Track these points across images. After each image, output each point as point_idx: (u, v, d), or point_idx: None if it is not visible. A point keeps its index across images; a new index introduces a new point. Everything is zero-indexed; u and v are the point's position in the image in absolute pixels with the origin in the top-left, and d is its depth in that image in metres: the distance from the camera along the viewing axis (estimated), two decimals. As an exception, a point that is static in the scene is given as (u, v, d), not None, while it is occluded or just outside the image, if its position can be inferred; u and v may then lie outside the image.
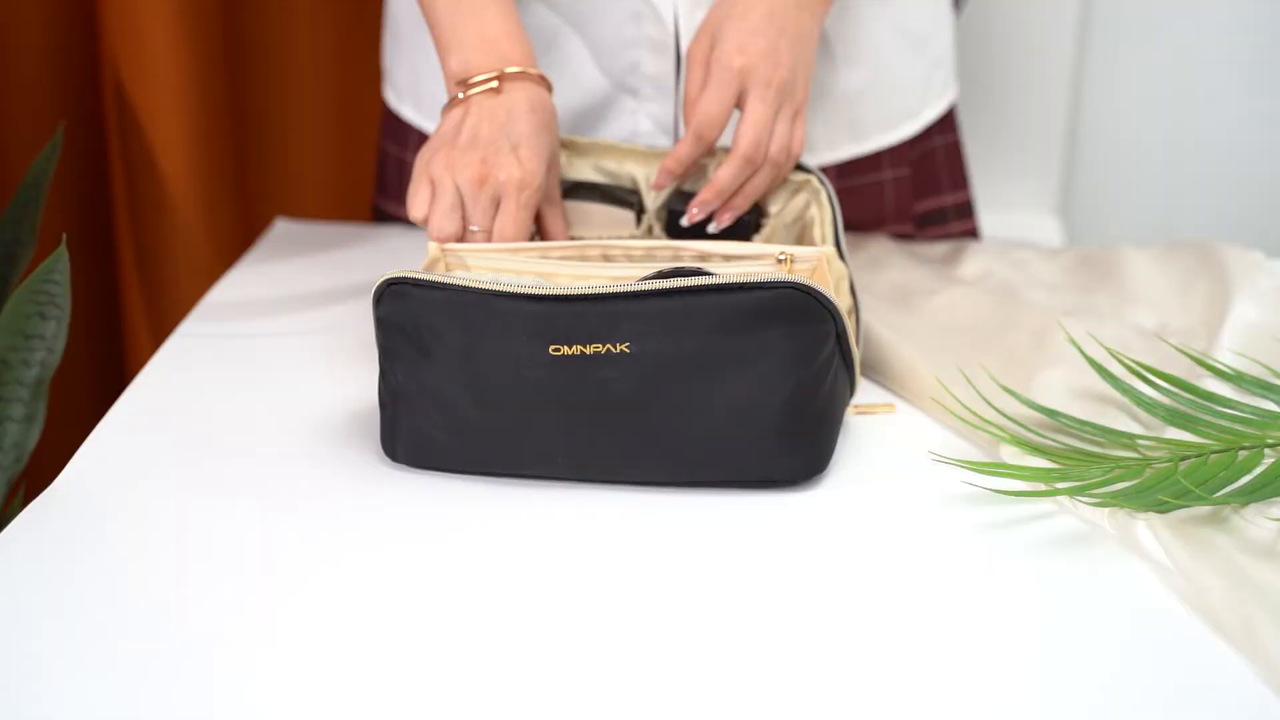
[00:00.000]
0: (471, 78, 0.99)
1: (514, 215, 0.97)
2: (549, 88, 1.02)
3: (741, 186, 1.03)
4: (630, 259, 0.98)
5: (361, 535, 0.86)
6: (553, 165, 1.02)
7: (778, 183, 1.05)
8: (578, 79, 1.16)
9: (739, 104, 1.02)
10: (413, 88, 1.25)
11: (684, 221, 1.05)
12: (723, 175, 1.02)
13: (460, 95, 1.00)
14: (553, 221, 1.04)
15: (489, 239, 0.97)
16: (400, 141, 1.30)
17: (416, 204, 0.98)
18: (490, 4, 1.02)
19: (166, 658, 0.75)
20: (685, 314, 0.85)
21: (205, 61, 1.38)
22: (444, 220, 0.97)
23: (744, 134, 1.01)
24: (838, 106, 1.21)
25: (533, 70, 1.00)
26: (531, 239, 1.02)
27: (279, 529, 0.86)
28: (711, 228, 1.05)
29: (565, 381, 0.86)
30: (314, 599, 0.80)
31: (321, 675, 0.74)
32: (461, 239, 0.98)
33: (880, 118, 1.24)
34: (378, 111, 1.39)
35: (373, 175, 1.55)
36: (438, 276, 0.88)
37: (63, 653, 0.75)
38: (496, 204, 0.97)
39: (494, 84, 0.99)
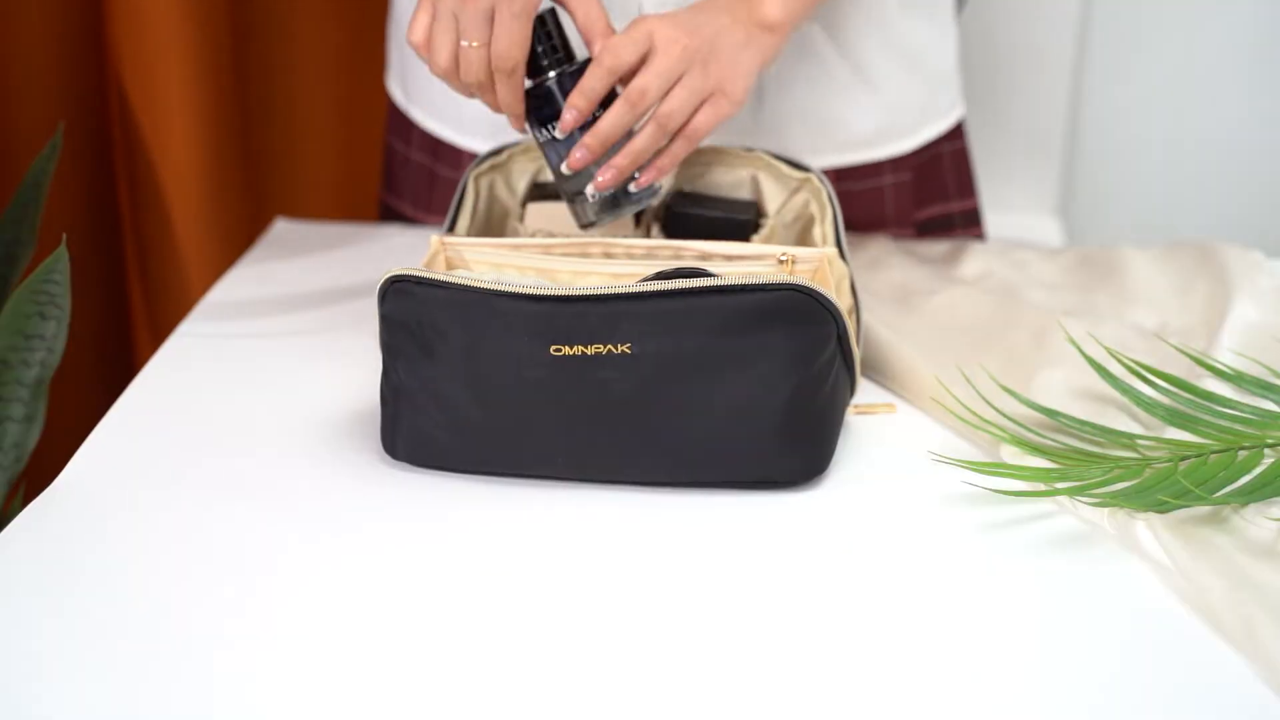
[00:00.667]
0: None
1: (506, 26, 0.94)
2: None
3: (626, 142, 1.00)
4: (631, 257, 0.98)
5: (361, 535, 0.86)
6: None
7: (670, 156, 1.01)
8: None
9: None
10: (414, 84, 1.26)
11: (565, 168, 1.00)
12: (603, 120, 0.98)
13: None
14: (579, 4, 0.98)
15: (486, 55, 0.95)
16: (405, 138, 1.30)
17: (415, 29, 0.96)
18: None
19: (166, 657, 0.75)
20: (686, 315, 0.85)
21: (207, 60, 1.38)
22: (439, 39, 0.95)
23: (636, 80, 0.98)
24: (825, 121, 1.20)
25: None
26: (558, 60, 0.99)
27: (279, 528, 0.86)
28: (589, 189, 1.01)
29: (566, 381, 0.86)
30: (314, 598, 0.80)
31: (321, 675, 0.74)
32: (456, 61, 0.96)
33: (871, 133, 1.23)
34: (381, 109, 1.39)
35: (376, 173, 1.55)
36: (441, 275, 0.88)
37: (63, 653, 0.75)
38: (490, 18, 0.94)
39: None
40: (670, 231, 1.07)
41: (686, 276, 0.86)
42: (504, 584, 0.81)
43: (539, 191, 1.09)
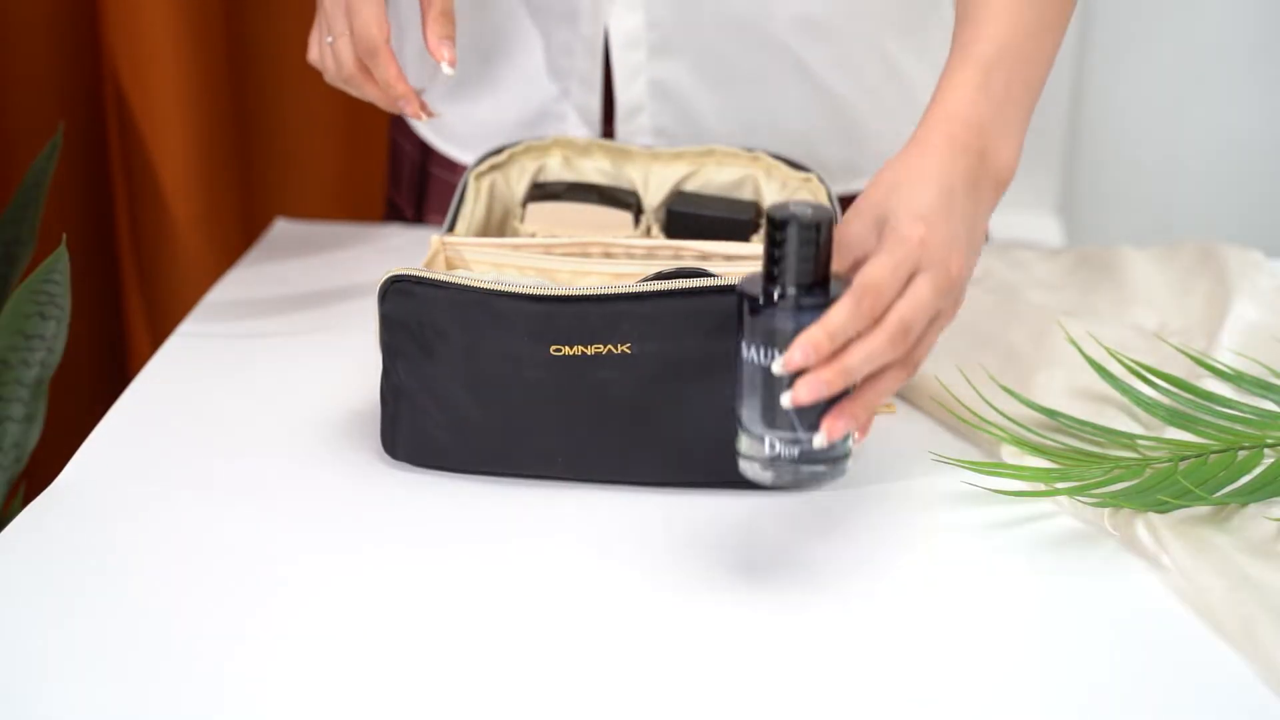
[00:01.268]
0: None
1: (360, 6, 0.95)
2: None
3: (859, 368, 0.75)
4: (631, 257, 0.98)
5: (361, 534, 0.86)
6: None
7: (891, 389, 0.78)
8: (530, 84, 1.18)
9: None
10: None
11: (777, 369, 0.74)
12: (837, 318, 0.74)
13: None
14: None
15: (350, 44, 0.97)
16: (406, 134, 1.30)
17: (309, 48, 1.01)
18: None
19: (167, 657, 0.75)
20: (686, 315, 0.85)
21: (206, 60, 1.38)
22: (314, 49, 1.00)
23: (899, 313, 0.76)
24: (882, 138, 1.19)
25: None
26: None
27: (279, 528, 0.86)
28: (784, 400, 0.74)
29: (566, 381, 0.86)
30: (314, 598, 0.80)
31: (321, 673, 0.74)
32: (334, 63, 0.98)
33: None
34: (381, 109, 1.39)
35: (376, 172, 1.55)
36: (441, 275, 0.88)
37: (63, 652, 0.75)
38: (347, 11, 0.96)
39: None
40: (670, 231, 1.07)
41: (686, 276, 0.86)
42: (503, 584, 0.81)
43: (539, 191, 1.08)
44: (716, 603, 0.80)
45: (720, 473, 0.88)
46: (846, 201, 1.19)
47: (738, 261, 0.96)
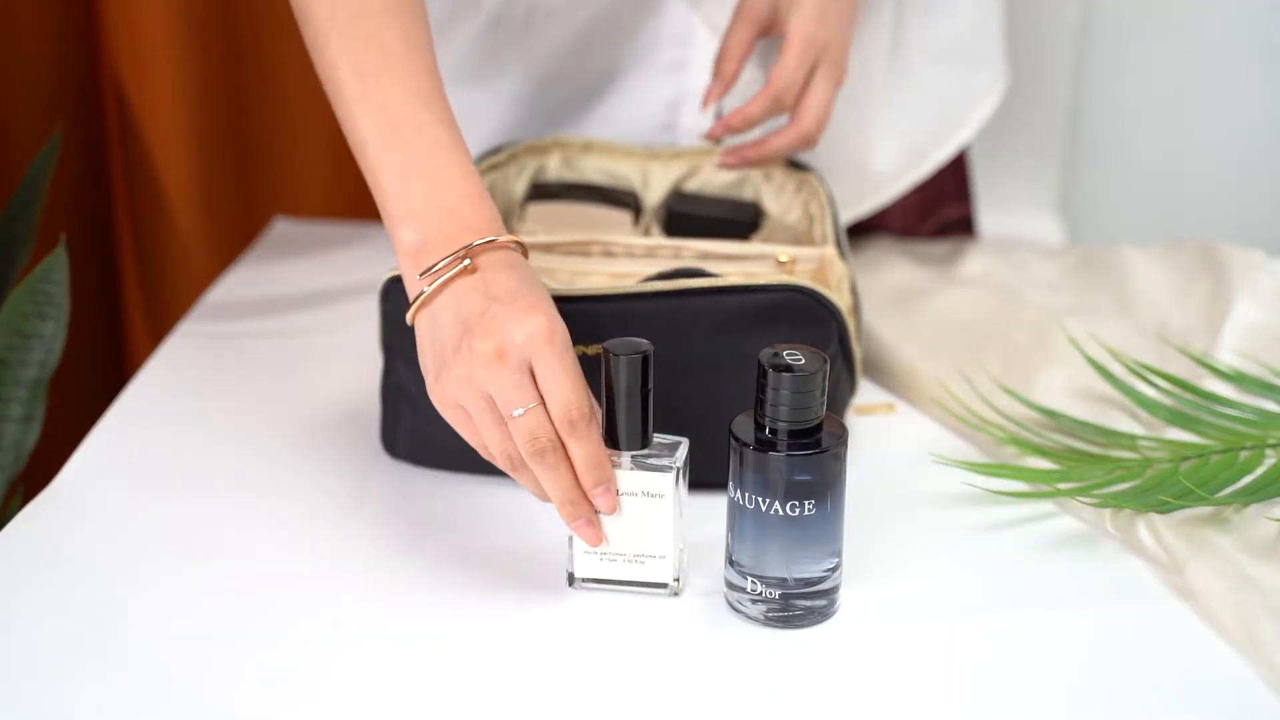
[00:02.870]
0: (434, 261, 0.79)
1: (561, 368, 0.75)
2: (524, 251, 0.82)
3: (765, 140, 1.01)
4: (631, 256, 0.98)
5: (361, 534, 0.86)
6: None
7: (796, 150, 1.03)
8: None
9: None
10: None
11: (703, 134, 1.03)
12: (752, 106, 1.00)
13: (425, 290, 0.79)
14: None
15: (549, 419, 0.76)
16: None
17: (471, 439, 0.79)
18: (449, 156, 0.82)
19: (165, 656, 0.75)
20: (687, 316, 0.85)
21: (205, 60, 1.38)
22: (500, 441, 0.77)
23: (813, 115, 1.00)
24: (897, 137, 1.20)
25: (503, 237, 0.80)
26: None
27: (278, 527, 0.86)
28: (715, 161, 1.03)
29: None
30: (313, 597, 0.80)
31: (320, 672, 0.73)
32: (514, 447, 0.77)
33: (933, 134, 1.22)
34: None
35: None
36: None
37: (61, 652, 0.75)
38: (530, 373, 0.76)
39: (465, 262, 0.79)
40: (670, 231, 1.07)
41: (687, 277, 0.86)
42: (503, 584, 0.81)
43: (538, 191, 1.08)
44: (716, 602, 0.80)
45: (720, 473, 0.88)
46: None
47: (737, 261, 0.96)
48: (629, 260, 0.97)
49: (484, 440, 0.77)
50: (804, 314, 0.86)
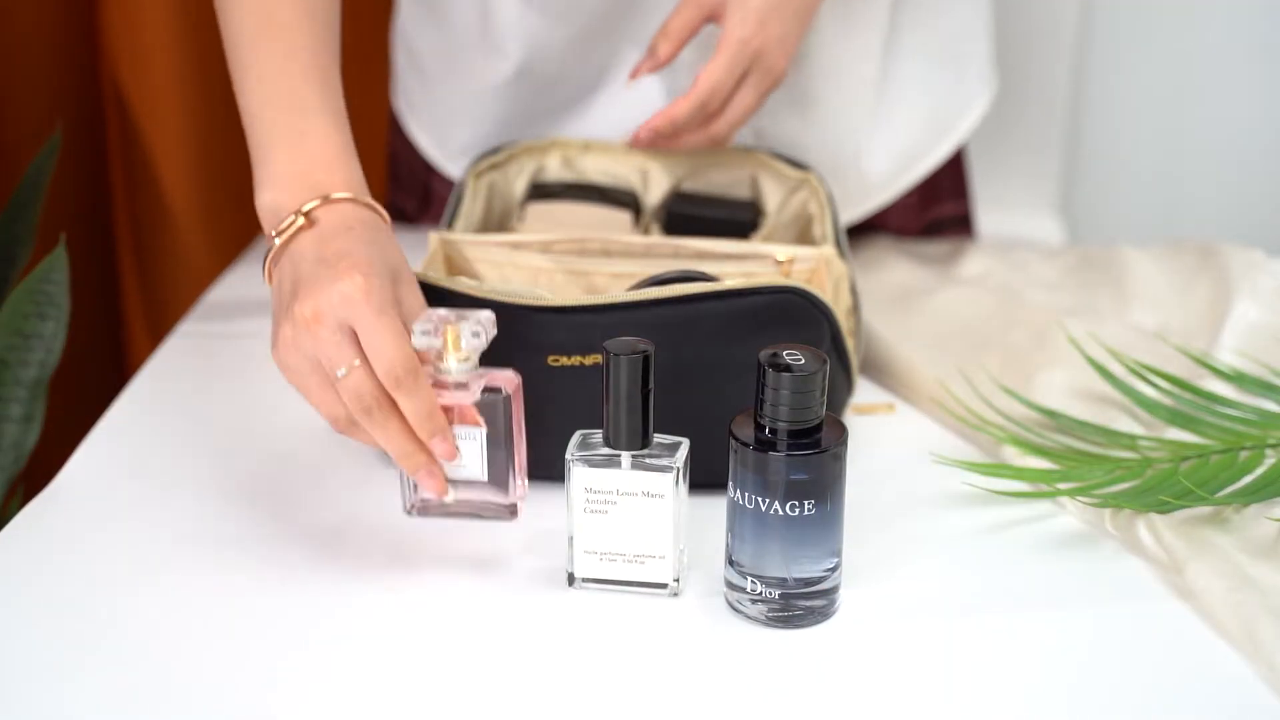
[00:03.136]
0: (280, 222, 0.81)
1: (379, 326, 0.75)
2: (379, 213, 0.83)
3: (681, 135, 1.02)
4: (630, 255, 0.98)
5: (360, 533, 0.86)
6: (397, 276, 0.80)
7: (703, 149, 1.05)
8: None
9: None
10: (408, 101, 1.26)
11: (632, 138, 1.04)
12: (679, 109, 1.00)
13: (271, 247, 0.81)
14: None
15: (372, 376, 0.75)
16: (405, 139, 1.30)
17: (311, 400, 0.78)
18: (313, 122, 0.84)
19: (165, 656, 0.75)
20: (683, 322, 0.85)
21: (205, 60, 1.38)
22: (328, 404, 0.77)
23: (728, 119, 1.01)
24: (887, 142, 1.19)
25: (351, 195, 0.82)
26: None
27: (277, 528, 0.86)
28: (627, 140, 1.05)
29: (563, 391, 0.86)
30: (312, 596, 0.80)
31: (320, 672, 0.73)
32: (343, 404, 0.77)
33: (926, 137, 1.22)
34: (379, 109, 1.39)
35: (376, 172, 1.55)
36: (443, 281, 0.87)
37: (61, 652, 0.75)
38: (350, 334, 0.76)
39: (301, 221, 0.80)
40: (670, 231, 1.07)
41: (681, 280, 0.86)
42: (503, 584, 0.81)
43: (538, 191, 1.08)
44: (716, 602, 0.80)
45: (719, 476, 0.88)
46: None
47: (735, 261, 0.96)
48: (627, 260, 0.97)
49: (316, 403, 0.78)
50: (796, 315, 0.86)
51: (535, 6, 1.08)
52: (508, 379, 0.80)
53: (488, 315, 0.79)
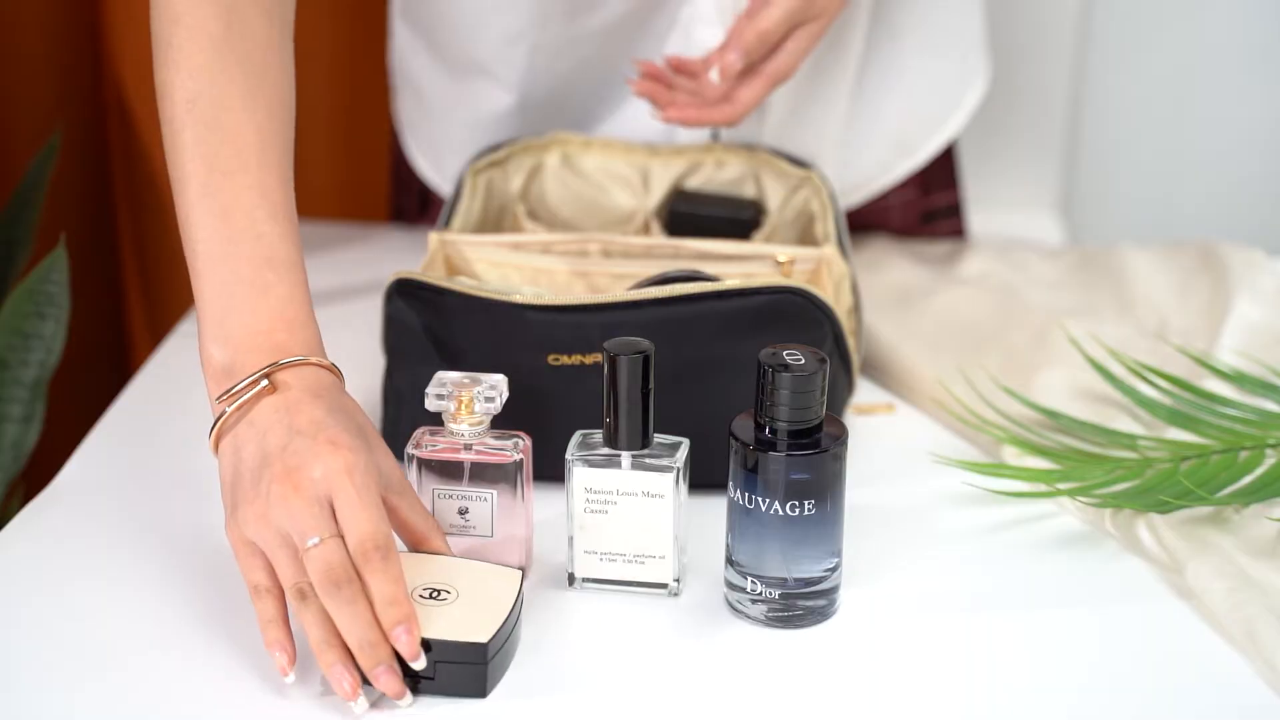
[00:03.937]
0: (235, 383, 0.76)
1: (361, 502, 0.71)
2: (339, 375, 0.80)
3: (733, 91, 0.99)
4: (630, 255, 0.98)
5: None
6: (374, 446, 0.76)
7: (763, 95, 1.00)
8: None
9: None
10: (405, 115, 1.25)
11: (715, 76, 0.98)
12: (746, 39, 0.96)
13: (225, 410, 0.77)
14: (411, 512, 0.77)
15: (346, 550, 0.71)
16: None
17: (249, 576, 0.74)
18: (278, 275, 0.78)
19: (164, 657, 0.75)
20: (684, 322, 0.85)
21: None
22: (293, 575, 0.72)
23: (781, 66, 0.98)
24: (883, 129, 1.19)
25: (314, 359, 0.78)
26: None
27: (278, 529, 0.86)
28: (659, 116, 1.01)
29: (564, 391, 0.86)
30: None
31: (319, 672, 0.73)
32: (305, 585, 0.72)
33: (921, 126, 1.22)
34: (381, 110, 1.39)
35: (376, 173, 1.55)
36: (444, 281, 0.87)
37: (61, 652, 0.75)
38: (330, 507, 0.72)
39: (263, 383, 0.76)
40: (672, 230, 1.07)
41: (681, 280, 0.86)
42: (503, 584, 0.81)
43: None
44: (716, 602, 0.80)
45: (719, 476, 0.88)
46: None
47: (736, 261, 0.96)
48: (627, 260, 0.97)
49: (279, 575, 0.73)
50: (798, 315, 0.86)
51: (535, 43, 1.08)
52: (516, 441, 0.80)
53: (500, 378, 0.80)
